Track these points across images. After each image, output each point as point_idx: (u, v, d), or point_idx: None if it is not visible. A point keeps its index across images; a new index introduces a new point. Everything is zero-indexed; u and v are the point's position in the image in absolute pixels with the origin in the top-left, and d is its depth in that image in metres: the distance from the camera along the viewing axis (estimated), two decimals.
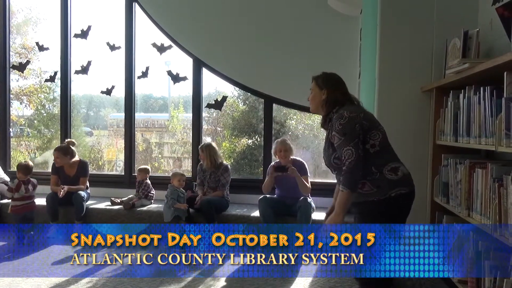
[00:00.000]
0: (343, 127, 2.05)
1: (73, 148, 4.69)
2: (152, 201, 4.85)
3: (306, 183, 4.04)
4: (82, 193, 4.54)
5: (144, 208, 4.65)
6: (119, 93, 5.47)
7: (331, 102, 2.20)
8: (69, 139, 4.82)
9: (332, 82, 2.25)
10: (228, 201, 4.49)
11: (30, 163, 4.67)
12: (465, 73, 2.39)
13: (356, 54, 4.28)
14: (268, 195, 4.15)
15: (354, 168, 2.02)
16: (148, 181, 4.83)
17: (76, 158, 4.83)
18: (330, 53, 4.56)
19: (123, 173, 5.38)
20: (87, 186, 4.80)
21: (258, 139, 5.27)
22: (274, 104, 4.93)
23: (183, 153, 5.69)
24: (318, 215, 4.27)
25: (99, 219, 4.63)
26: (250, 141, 5.45)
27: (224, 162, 4.55)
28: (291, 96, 4.74)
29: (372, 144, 2.08)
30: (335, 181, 4.73)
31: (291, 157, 4.19)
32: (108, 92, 5.46)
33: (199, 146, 4.59)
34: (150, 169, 4.88)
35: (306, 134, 5.23)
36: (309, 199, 4.04)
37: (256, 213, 4.34)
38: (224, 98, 5.12)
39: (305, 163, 4.23)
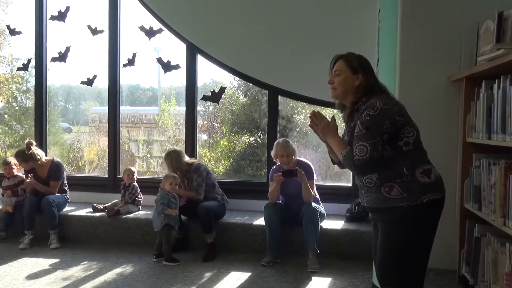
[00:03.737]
0: (371, 119, 2.01)
1: (33, 149, 4.66)
2: (140, 207, 4.85)
3: (311, 189, 4.04)
4: (51, 198, 4.56)
5: (131, 215, 4.65)
6: (102, 83, 5.49)
7: (367, 90, 2.16)
8: (27, 140, 4.79)
9: (368, 65, 2.23)
10: (225, 205, 4.48)
11: (7, 159, 4.90)
12: (500, 61, 2.38)
13: (374, 38, 4.26)
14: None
15: (359, 167, 2.01)
16: (136, 184, 4.84)
17: (48, 157, 4.86)
18: (344, 37, 4.53)
19: (106, 175, 5.40)
20: (65, 190, 4.81)
21: (261, 137, 5.27)
22: (279, 96, 4.91)
23: None
24: (329, 224, 4.26)
25: (78, 228, 4.64)
26: (252, 138, 5.45)
27: (196, 161, 4.51)
28: (299, 86, 4.72)
29: (406, 141, 2.06)
30: (349, 184, 4.76)
31: (296, 158, 4.17)
32: (90, 82, 5.45)
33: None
34: (135, 170, 4.87)
35: None
36: (314, 204, 4.03)
37: (259, 221, 4.34)
38: (222, 90, 5.11)
39: (311, 165, 4.22)
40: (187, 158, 4.49)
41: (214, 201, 4.39)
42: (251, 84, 5.20)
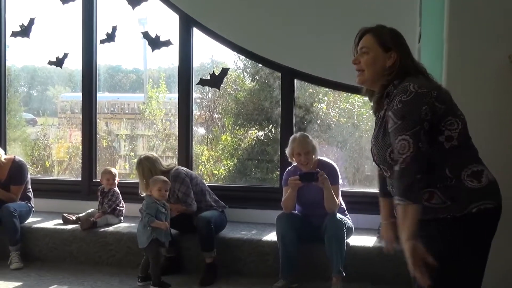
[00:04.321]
0: (404, 107, 2.01)
1: None
2: (122, 218, 4.89)
3: (335, 196, 4.04)
4: (12, 206, 4.60)
5: (111, 228, 4.68)
6: (74, 64, 5.52)
7: (400, 71, 2.16)
8: None
9: (402, 40, 2.23)
10: (224, 213, 4.52)
11: None
12: None
13: (415, 8, 4.26)
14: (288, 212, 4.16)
15: (409, 168, 1.99)
16: (117, 190, 4.87)
17: (8, 156, 4.91)
18: (377, 6, 4.53)
19: (79, 179, 5.44)
20: (29, 196, 4.86)
21: (273, 131, 5.28)
22: (296, 80, 4.93)
23: (165, 150, 5.72)
24: (358, 240, 4.27)
25: (45, 243, 4.68)
26: (261, 133, 5.46)
27: (173, 168, 4.51)
28: (320, 68, 4.72)
29: (448, 136, 2.04)
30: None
31: (317, 157, 4.17)
32: (59, 62, 5.48)
33: None
34: (116, 173, 4.91)
35: (341, 123, 5.23)
36: (340, 216, 4.03)
37: (270, 237, 4.36)
38: (224, 72, 5.12)
39: (336, 166, 4.22)
40: (163, 166, 4.49)
41: (212, 211, 4.42)
42: (260, 65, 5.21)
